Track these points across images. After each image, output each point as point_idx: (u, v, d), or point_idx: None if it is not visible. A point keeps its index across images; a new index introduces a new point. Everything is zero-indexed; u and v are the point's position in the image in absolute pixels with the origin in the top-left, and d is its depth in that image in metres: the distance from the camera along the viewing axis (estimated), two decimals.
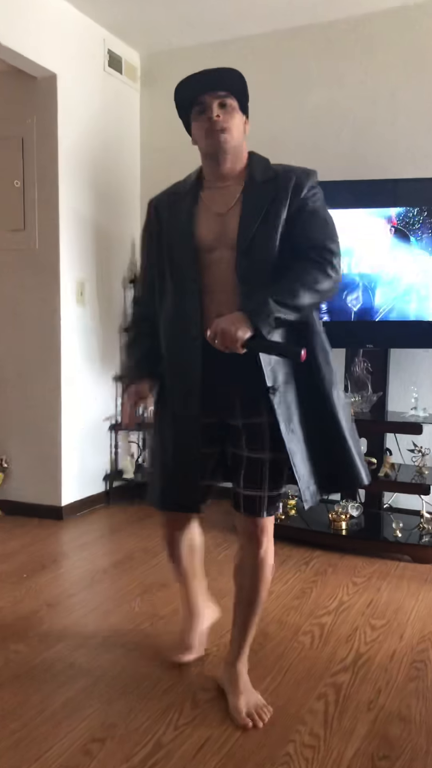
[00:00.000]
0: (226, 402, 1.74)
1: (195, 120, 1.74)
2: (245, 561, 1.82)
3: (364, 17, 3.51)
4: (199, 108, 1.71)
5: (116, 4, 3.44)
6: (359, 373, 3.34)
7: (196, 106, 1.72)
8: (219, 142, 1.68)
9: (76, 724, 1.75)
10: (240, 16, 3.55)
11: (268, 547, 1.80)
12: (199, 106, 1.71)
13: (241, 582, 1.83)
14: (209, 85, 1.68)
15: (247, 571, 1.81)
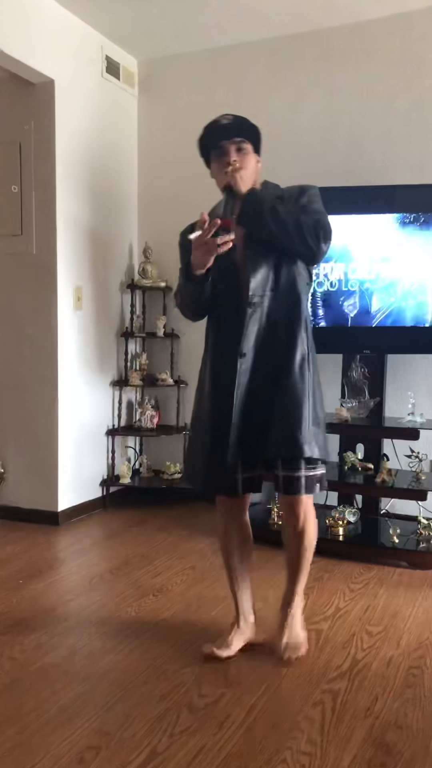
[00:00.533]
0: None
1: (214, 161, 2.06)
2: (287, 532, 2.12)
3: (361, 24, 3.53)
4: (219, 151, 2.03)
5: (114, 10, 3.46)
6: (356, 379, 3.34)
7: (216, 150, 2.04)
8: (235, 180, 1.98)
9: (71, 732, 1.74)
10: (237, 23, 3.57)
11: (306, 520, 2.06)
12: (219, 150, 2.03)
13: (288, 546, 2.14)
14: (228, 133, 2.02)
15: (290, 540, 2.12)
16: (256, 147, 2.07)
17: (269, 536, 3.24)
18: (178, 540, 3.28)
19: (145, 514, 3.77)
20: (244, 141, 2.02)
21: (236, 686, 1.98)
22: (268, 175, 3.70)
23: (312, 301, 3.32)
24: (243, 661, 2.12)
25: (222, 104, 3.87)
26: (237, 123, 2.04)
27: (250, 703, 1.89)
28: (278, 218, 1.95)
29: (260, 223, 1.96)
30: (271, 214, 1.95)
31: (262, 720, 1.81)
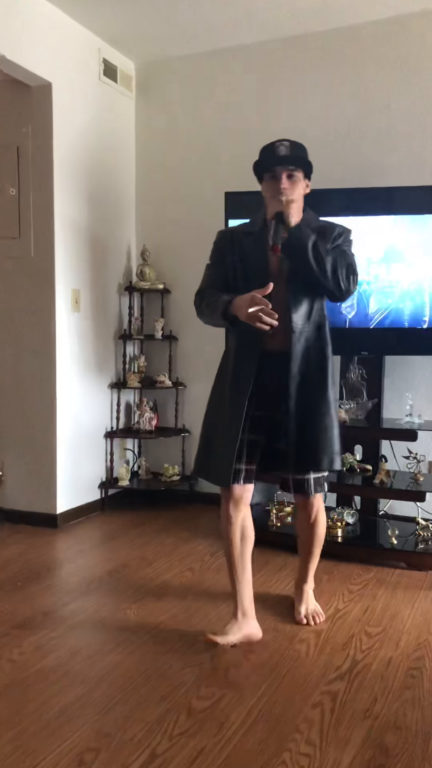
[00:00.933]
0: (277, 402, 2.21)
1: (266, 182, 2.23)
2: (301, 525, 2.41)
3: (359, 27, 3.54)
4: (271, 174, 2.21)
5: (112, 13, 3.47)
6: (354, 380, 3.35)
7: (269, 173, 2.21)
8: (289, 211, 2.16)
9: (70, 734, 1.74)
10: (234, 25, 3.58)
11: (317, 514, 2.36)
12: (272, 173, 2.21)
13: (301, 534, 2.43)
14: (286, 158, 2.20)
15: (304, 532, 2.41)
16: (307, 175, 2.26)
17: (269, 538, 3.25)
18: (177, 542, 3.28)
19: (143, 516, 3.77)
20: (297, 169, 2.21)
21: (236, 688, 1.98)
22: None
23: None
24: (242, 662, 2.12)
25: (219, 107, 3.90)
26: (294, 154, 2.21)
27: (249, 704, 1.89)
28: (319, 256, 2.13)
29: (302, 257, 2.14)
30: (313, 251, 2.13)
31: (262, 721, 1.81)
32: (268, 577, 2.87)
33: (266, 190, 2.24)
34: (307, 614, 2.41)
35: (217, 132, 3.89)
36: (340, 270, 2.16)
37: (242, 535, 2.29)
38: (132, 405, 4.15)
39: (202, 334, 3.55)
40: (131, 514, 3.80)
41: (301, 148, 2.24)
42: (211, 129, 3.90)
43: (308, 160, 2.24)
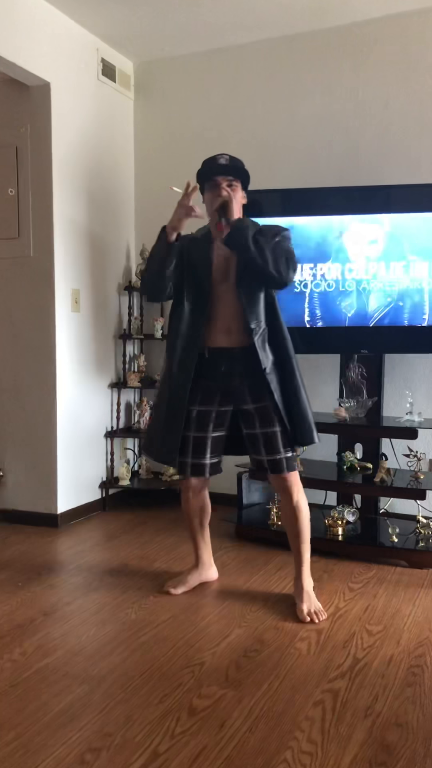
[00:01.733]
0: (241, 394, 2.47)
1: (208, 192, 2.43)
2: (285, 510, 2.56)
3: (356, 26, 3.54)
4: (213, 184, 2.41)
5: (110, 13, 3.46)
6: (354, 379, 3.34)
7: (210, 182, 2.41)
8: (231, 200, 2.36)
9: (72, 734, 1.74)
10: (233, 25, 3.58)
11: (299, 496, 2.52)
12: (213, 182, 2.40)
13: (286, 525, 2.58)
14: (224, 170, 2.40)
15: (288, 517, 2.55)
16: (244, 186, 2.46)
17: (269, 536, 3.26)
18: (178, 542, 3.28)
19: (144, 516, 3.77)
20: (235, 179, 2.41)
21: (237, 686, 1.98)
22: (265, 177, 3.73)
23: (309, 301, 3.33)
24: (243, 661, 2.12)
25: (218, 106, 3.90)
26: (233, 164, 2.42)
27: (250, 703, 1.89)
28: (258, 243, 2.32)
29: (244, 244, 2.32)
30: (253, 240, 2.32)
31: (263, 720, 1.81)
32: (268, 576, 2.87)
33: (208, 200, 2.44)
34: (309, 612, 2.45)
35: (215, 131, 3.89)
36: (280, 258, 2.33)
37: (201, 511, 2.69)
38: (132, 404, 4.15)
39: None
40: (132, 514, 3.80)
41: (240, 162, 2.45)
42: (209, 128, 3.90)
43: (247, 174, 2.46)
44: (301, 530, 2.53)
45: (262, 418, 2.45)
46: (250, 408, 2.47)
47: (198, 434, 2.52)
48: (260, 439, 2.46)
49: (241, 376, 2.45)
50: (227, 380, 2.46)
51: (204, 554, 2.77)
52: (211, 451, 2.55)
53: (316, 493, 3.59)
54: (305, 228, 3.30)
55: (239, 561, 3.04)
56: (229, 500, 3.68)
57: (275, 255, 2.33)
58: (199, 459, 2.54)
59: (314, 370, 3.70)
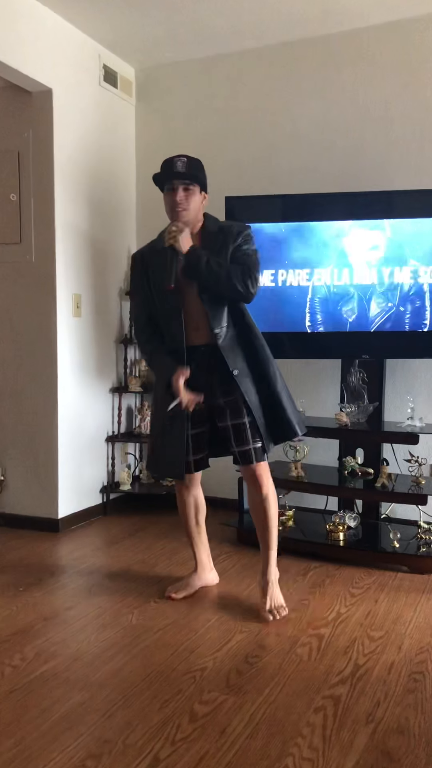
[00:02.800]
0: (211, 390, 2.49)
1: (166, 194, 2.47)
2: (254, 501, 2.56)
3: (357, 31, 3.55)
4: (169, 187, 2.45)
5: (111, 19, 3.48)
6: (355, 384, 3.35)
7: (167, 185, 2.45)
8: (179, 216, 2.44)
9: (72, 740, 1.74)
10: (234, 31, 3.59)
11: (268, 487, 2.54)
12: (169, 185, 2.44)
13: (255, 517, 2.58)
14: (179, 176, 2.43)
15: (257, 509, 2.56)
16: (203, 187, 2.49)
17: None
18: (179, 547, 3.27)
19: (145, 520, 3.76)
20: (192, 183, 2.44)
21: (237, 692, 1.97)
22: (266, 182, 3.73)
23: (310, 306, 3.33)
24: (244, 667, 2.12)
25: (219, 112, 3.91)
26: (188, 169, 2.45)
27: (251, 709, 1.88)
28: (212, 271, 2.38)
29: (198, 276, 2.40)
30: (206, 269, 2.38)
31: (264, 726, 1.80)
32: None
33: (166, 202, 2.49)
34: (271, 608, 2.48)
35: (217, 137, 3.90)
36: (235, 278, 2.39)
37: (196, 509, 2.72)
38: (133, 409, 4.15)
39: None
40: (133, 519, 3.80)
41: (197, 165, 2.48)
42: (210, 134, 3.91)
43: (202, 175, 2.49)
44: (269, 523, 2.55)
45: (232, 411, 2.49)
46: (220, 402, 2.51)
47: (194, 431, 2.56)
48: (230, 430, 2.50)
49: (209, 372, 2.49)
50: (196, 376, 2.48)
51: (203, 556, 2.78)
52: (194, 449, 2.57)
53: (318, 498, 3.59)
54: (306, 233, 3.31)
55: (240, 566, 3.04)
56: (230, 505, 3.68)
57: (229, 276, 2.38)
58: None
59: (315, 375, 3.70)
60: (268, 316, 3.34)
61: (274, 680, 2.04)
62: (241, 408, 2.48)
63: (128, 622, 2.45)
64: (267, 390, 2.50)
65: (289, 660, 2.17)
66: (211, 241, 2.47)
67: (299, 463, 3.33)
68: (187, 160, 2.46)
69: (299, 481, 3.27)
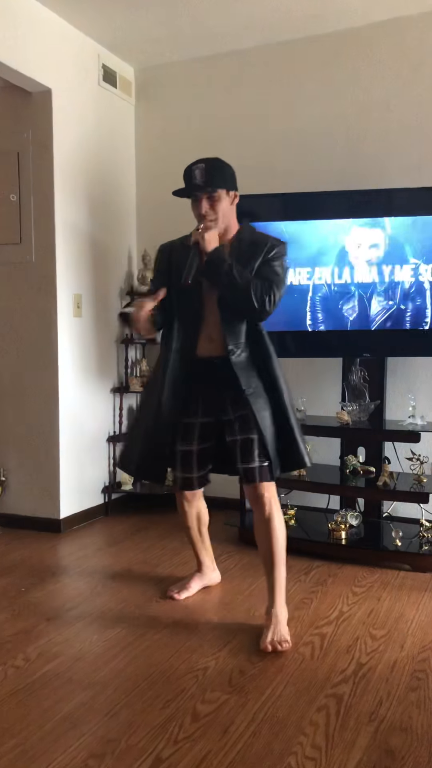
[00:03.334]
0: (222, 405, 2.40)
1: (192, 203, 2.36)
2: (258, 523, 2.38)
3: (357, 30, 3.54)
4: (194, 198, 2.34)
5: (110, 19, 3.48)
6: (356, 382, 3.34)
7: (191, 196, 2.34)
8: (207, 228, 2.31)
9: (75, 740, 1.74)
10: (233, 30, 3.59)
11: (272, 508, 2.34)
12: (194, 196, 2.33)
13: (259, 540, 2.38)
14: (200, 187, 2.31)
15: (261, 531, 2.36)
16: (228, 187, 2.36)
17: None
18: (180, 546, 3.27)
19: (147, 520, 3.76)
20: (215, 190, 2.31)
21: (240, 692, 1.97)
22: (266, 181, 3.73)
23: (311, 305, 3.33)
24: (247, 666, 2.12)
25: (219, 111, 3.91)
26: (208, 177, 2.30)
27: (254, 708, 1.88)
28: (231, 277, 2.25)
29: (217, 278, 2.28)
30: (226, 272, 2.25)
31: (267, 725, 1.80)
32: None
33: (193, 208, 2.37)
34: (272, 641, 2.22)
35: (216, 136, 3.89)
36: (254, 291, 2.24)
37: (198, 521, 2.69)
38: (134, 409, 4.14)
39: None
40: (134, 519, 3.79)
41: (217, 167, 2.34)
42: (210, 133, 3.91)
43: (225, 177, 2.34)
44: (275, 550, 2.32)
45: (242, 425, 2.35)
46: (231, 417, 2.38)
47: (184, 448, 2.47)
48: (238, 445, 2.36)
49: (223, 386, 2.36)
50: (209, 389, 2.40)
51: (205, 558, 2.77)
52: (199, 465, 2.50)
53: (320, 497, 3.59)
54: (307, 232, 3.30)
55: (242, 565, 3.04)
56: (233, 504, 3.68)
57: (249, 289, 2.24)
58: (186, 473, 2.51)
59: (316, 374, 3.70)
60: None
61: (276, 679, 2.04)
62: (252, 423, 2.33)
63: (130, 622, 2.45)
64: (281, 418, 2.37)
65: (291, 659, 2.17)
66: (242, 251, 2.34)
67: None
68: (205, 166, 2.31)
69: (301, 480, 3.26)
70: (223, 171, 2.36)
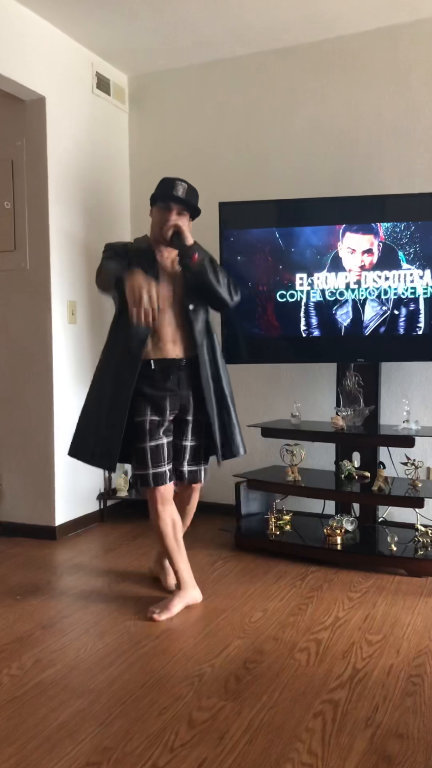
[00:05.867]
0: (183, 406, 2.59)
1: (158, 209, 2.57)
2: (183, 509, 2.75)
3: (349, 38, 3.57)
4: (165, 207, 2.55)
5: (104, 27, 3.49)
6: (351, 387, 3.35)
7: (163, 204, 2.54)
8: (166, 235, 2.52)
9: (71, 748, 1.73)
10: (226, 37, 3.61)
11: (196, 500, 2.78)
12: (166, 205, 2.54)
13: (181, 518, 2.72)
14: (180, 200, 2.53)
15: (186, 514, 2.78)
16: (193, 215, 2.61)
17: (268, 546, 3.25)
18: None
19: (142, 527, 3.76)
20: (185, 210, 2.56)
21: (236, 698, 1.97)
22: (259, 187, 3.74)
23: (305, 311, 3.34)
24: (242, 673, 2.11)
25: (212, 118, 3.93)
26: (187, 195, 2.55)
27: (250, 715, 1.88)
28: (215, 267, 2.52)
29: (201, 269, 2.47)
30: (210, 262, 2.51)
31: (263, 731, 1.80)
32: (266, 586, 2.86)
33: (156, 215, 2.57)
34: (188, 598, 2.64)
35: (210, 143, 3.92)
36: (230, 281, 2.56)
37: (174, 525, 2.64)
38: None
39: None
40: (130, 525, 3.79)
41: (195, 193, 2.59)
42: (204, 140, 3.93)
43: (197, 209, 2.60)
44: (186, 526, 2.81)
45: (195, 430, 2.63)
46: (189, 418, 2.61)
47: (153, 443, 2.56)
48: (188, 450, 2.63)
49: (187, 386, 2.57)
50: (175, 390, 2.56)
51: (185, 575, 2.66)
52: (168, 458, 2.60)
53: (315, 503, 3.59)
54: (300, 238, 3.32)
55: (238, 571, 3.04)
56: (228, 510, 3.68)
57: (227, 278, 2.54)
58: (158, 467, 2.57)
59: (311, 380, 3.71)
60: (263, 321, 3.35)
61: (272, 685, 2.04)
62: (203, 429, 2.62)
63: (126, 629, 2.44)
64: (224, 410, 2.62)
65: (287, 665, 2.17)
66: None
67: (296, 468, 3.33)
68: (187, 187, 2.55)
69: (296, 485, 3.27)
70: (196, 200, 2.60)
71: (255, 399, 3.84)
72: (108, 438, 2.53)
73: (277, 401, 3.79)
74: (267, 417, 3.75)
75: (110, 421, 2.53)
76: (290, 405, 3.54)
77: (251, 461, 3.75)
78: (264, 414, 3.78)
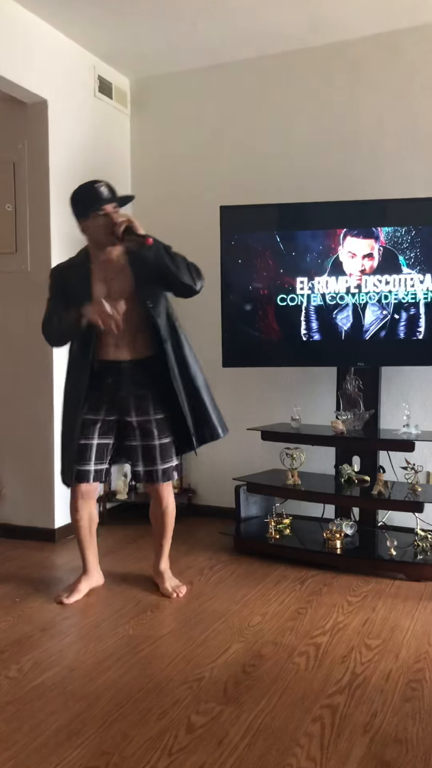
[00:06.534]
0: (124, 408, 2.62)
1: (93, 218, 2.53)
2: (155, 511, 2.79)
3: (350, 43, 3.58)
4: (98, 213, 2.52)
5: (106, 31, 3.50)
6: (351, 391, 3.35)
7: (97, 212, 2.52)
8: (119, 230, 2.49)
9: (69, 752, 1.73)
10: (228, 42, 3.62)
11: (168, 501, 2.76)
12: (99, 210, 2.52)
13: (155, 522, 2.81)
14: (111, 200, 2.54)
15: (156, 517, 2.80)
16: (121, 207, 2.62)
17: (267, 550, 3.25)
18: (175, 556, 3.26)
19: (142, 530, 3.74)
20: (118, 205, 2.57)
21: (234, 702, 1.97)
22: (261, 191, 3.74)
23: (305, 315, 3.35)
24: (241, 677, 2.11)
25: (214, 122, 3.93)
26: (113, 193, 2.58)
27: (249, 719, 1.88)
28: (174, 254, 2.51)
29: (161, 255, 2.48)
30: (166, 252, 2.51)
31: (262, 736, 1.80)
32: (266, 590, 2.86)
33: (94, 223, 2.54)
34: (174, 588, 2.76)
35: (211, 147, 3.92)
36: (190, 266, 2.53)
37: (90, 519, 2.76)
38: None
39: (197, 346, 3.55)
40: (130, 528, 3.79)
41: (112, 186, 2.62)
42: (205, 144, 3.94)
43: (125, 197, 2.63)
44: (166, 528, 2.80)
45: (143, 431, 2.62)
46: (132, 421, 2.62)
47: (82, 441, 2.60)
48: (139, 450, 2.64)
49: (127, 388, 2.59)
50: (114, 392, 2.59)
51: (92, 559, 2.84)
52: (96, 458, 2.63)
53: (314, 506, 3.59)
54: (301, 242, 3.32)
55: (237, 575, 3.03)
56: (228, 513, 3.68)
57: (186, 263, 2.52)
58: (82, 465, 2.61)
59: (311, 383, 3.71)
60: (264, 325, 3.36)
61: (271, 690, 2.04)
62: (153, 430, 2.62)
63: (125, 632, 2.44)
64: (193, 397, 2.63)
65: (286, 669, 2.17)
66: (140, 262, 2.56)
67: (296, 471, 3.33)
68: (105, 184, 2.57)
69: (296, 489, 3.27)
70: (121, 197, 2.62)
71: (255, 402, 3.84)
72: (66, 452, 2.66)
73: (277, 405, 3.79)
74: (267, 420, 3.75)
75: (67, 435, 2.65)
76: (290, 409, 3.54)
77: (251, 465, 3.75)
78: (264, 417, 3.78)
